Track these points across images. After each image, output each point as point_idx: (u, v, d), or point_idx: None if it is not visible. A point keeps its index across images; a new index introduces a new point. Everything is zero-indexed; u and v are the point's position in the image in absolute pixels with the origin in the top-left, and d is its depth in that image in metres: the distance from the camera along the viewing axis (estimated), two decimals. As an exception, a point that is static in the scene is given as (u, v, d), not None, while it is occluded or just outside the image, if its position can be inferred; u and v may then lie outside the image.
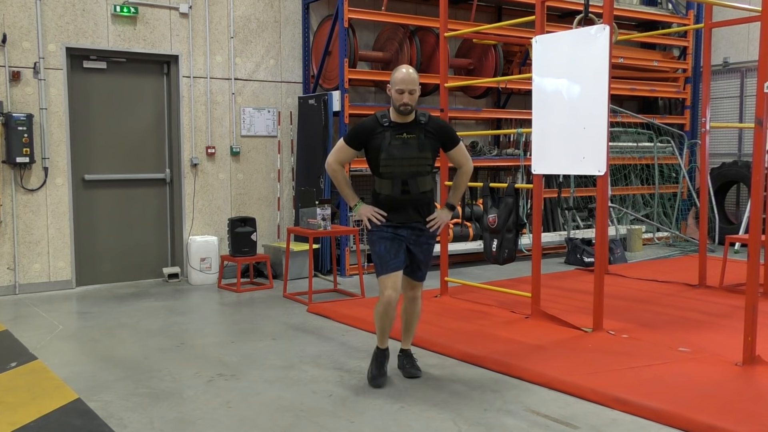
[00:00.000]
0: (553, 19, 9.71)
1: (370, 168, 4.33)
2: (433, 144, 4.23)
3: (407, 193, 4.20)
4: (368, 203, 4.36)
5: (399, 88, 4.12)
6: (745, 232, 9.06)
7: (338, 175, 4.34)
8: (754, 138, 4.60)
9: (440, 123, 4.33)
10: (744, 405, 3.89)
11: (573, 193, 9.60)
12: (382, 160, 4.16)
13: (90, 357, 5.01)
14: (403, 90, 4.12)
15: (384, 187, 4.23)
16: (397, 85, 4.13)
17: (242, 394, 4.20)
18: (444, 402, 4.06)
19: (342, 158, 4.34)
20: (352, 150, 4.30)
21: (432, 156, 4.23)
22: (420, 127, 4.20)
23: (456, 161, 4.40)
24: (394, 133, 4.16)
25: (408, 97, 4.12)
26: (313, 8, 8.57)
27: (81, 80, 7.36)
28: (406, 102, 4.12)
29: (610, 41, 5.06)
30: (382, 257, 4.21)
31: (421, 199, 4.24)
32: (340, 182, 4.35)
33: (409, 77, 4.16)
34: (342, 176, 4.34)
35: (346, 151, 4.31)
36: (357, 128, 4.30)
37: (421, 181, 4.21)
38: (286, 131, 8.51)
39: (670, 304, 6.37)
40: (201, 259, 7.62)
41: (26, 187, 7.02)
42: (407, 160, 4.16)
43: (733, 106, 10.64)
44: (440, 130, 4.27)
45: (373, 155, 4.23)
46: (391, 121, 4.20)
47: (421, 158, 4.18)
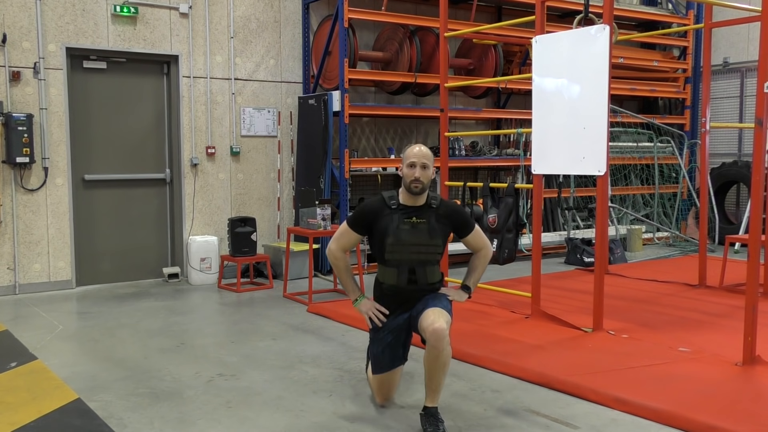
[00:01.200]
0: (553, 19, 9.70)
1: (375, 255, 3.97)
2: (445, 230, 3.87)
3: (414, 283, 3.82)
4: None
5: (411, 161, 3.76)
6: (745, 232, 9.06)
7: (340, 263, 3.95)
8: (754, 138, 4.60)
9: (453, 207, 3.97)
10: (744, 405, 3.89)
11: (573, 193, 9.60)
12: (389, 246, 3.79)
13: (90, 357, 5.01)
14: (415, 164, 3.75)
15: (388, 276, 3.85)
16: (409, 158, 3.78)
17: (242, 394, 4.20)
18: (444, 402, 4.05)
19: (345, 244, 3.95)
20: (356, 235, 3.93)
21: (443, 243, 3.86)
22: (431, 211, 3.83)
23: (473, 247, 4.02)
24: (403, 217, 3.79)
25: (420, 172, 3.73)
26: (313, 8, 8.57)
27: (81, 80, 7.36)
28: (417, 176, 3.73)
29: (610, 41, 5.06)
30: (376, 359, 3.92)
31: (429, 291, 3.87)
32: (342, 272, 3.96)
33: (421, 152, 3.79)
34: (344, 265, 3.95)
35: (350, 236, 3.93)
36: (362, 210, 3.94)
37: (429, 271, 3.84)
38: (286, 131, 8.51)
39: (670, 304, 6.37)
40: (201, 259, 7.62)
41: (26, 187, 7.02)
42: (416, 247, 3.79)
43: (733, 106, 10.64)
44: (453, 216, 3.91)
45: (378, 240, 3.85)
46: (400, 203, 3.83)
47: (431, 245, 3.81)
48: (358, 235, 3.94)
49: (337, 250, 3.95)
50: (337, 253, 3.95)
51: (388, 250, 3.82)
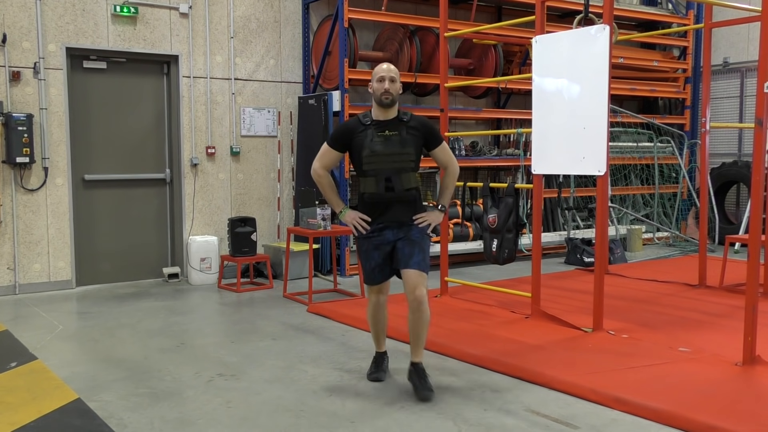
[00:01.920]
0: (553, 19, 9.70)
1: (355, 169, 4.28)
2: (416, 140, 4.18)
3: (391, 190, 4.14)
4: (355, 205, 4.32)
5: (380, 76, 4.11)
6: (745, 232, 9.06)
7: (323, 180, 4.30)
8: (754, 138, 4.60)
9: (423, 120, 4.26)
10: (744, 405, 3.89)
11: (573, 193, 9.60)
12: (365, 157, 4.13)
13: (90, 357, 5.01)
14: (384, 77, 4.10)
15: (368, 186, 4.19)
16: (378, 74, 4.13)
17: (242, 394, 4.20)
18: (444, 402, 4.06)
19: (327, 162, 4.31)
20: (336, 152, 4.28)
21: (415, 152, 4.19)
22: (402, 124, 4.17)
23: (441, 161, 4.36)
24: (377, 131, 4.13)
25: (389, 85, 4.08)
26: (313, 8, 8.57)
27: (81, 80, 7.36)
28: (387, 88, 4.08)
29: (610, 41, 5.06)
30: (366, 271, 4.30)
31: (405, 197, 4.18)
32: (326, 187, 4.31)
33: (389, 67, 4.17)
34: (327, 181, 4.30)
35: (331, 154, 4.29)
36: (339, 129, 4.29)
37: (404, 178, 4.15)
38: (286, 131, 8.51)
39: (670, 304, 6.37)
40: (201, 259, 7.62)
41: (26, 187, 7.02)
42: (390, 156, 4.12)
43: (733, 106, 10.64)
44: (423, 128, 4.22)
45: (356, 154, 4.20)
46: (373, 119, 4.18)
47: (403, 154, 4.14)
48: (338, 153, 4.29)
49: (320, 168, 4.32)
50: (320, 170, 4.31)
51: (365, 162, 4.15)
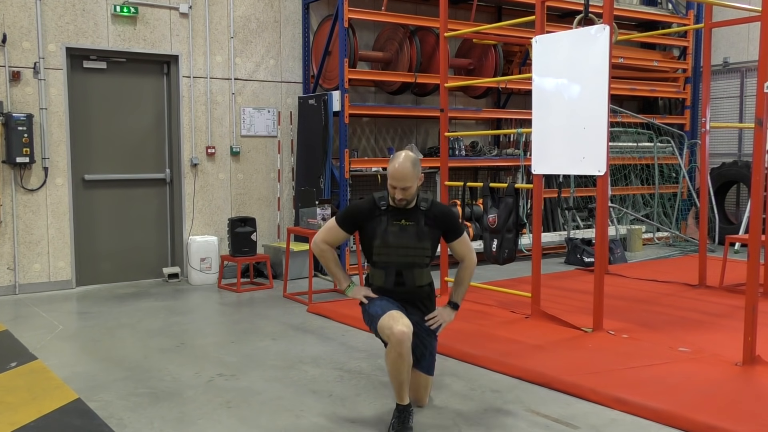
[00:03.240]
0: (553, 19, 9.70)
1: (364, 254, 3.97)
2: (434, 233, 3.83)
3: (402, 285, 3.82)
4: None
5: (392, 183, 3.72)
6: (745, 232, 9.06)
7: (326, 254, 3.92)
8: (754, 138, 4.60)
9: (444, 211, 3.91)
10: (744, 405, 3.89)
11: (573, 193, 9.60)
12: (376, 247, 3.79)
13: (90, 357, 5.01)
14: (395, 186, 3.70)
15: (377, 278, 3.86)
16: (390, 179, 3.72)
17: (242, 394, 4.20)
18: (444, 402, 4.06)
19: (331, 240, 3.93)
20: (343, 232, 3.90)
21: (432, 247, 3.84)
22: (421, 213, 3.80)
23: (458, 254, 3.98)
24: (392, 219, 3.78)
25: (401, 193, 3.71)
26: (313, 8, 8.57)
27: (81, 80, 7.36)
28: (401, 198, 3.73)
29: (610, 41, 5.06)
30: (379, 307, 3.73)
31: (417, 293, 3.87)
32: (329, 263, 3.93)
33: (401, 173, 3.67)
34: (331, 256, 3.92)
35: (337, 232, 3.91)
36: (352, 209, 3.92)
37: (417, 274, 3.82)
38: (286, 131, 8.51)
39: (670, 304, 6.37)
40: (201, 259, 7.62)
41: (26, 187, 7.02)
42: (403, 249, 3.77)
43: (733, 106, 10.64)
44: (442, 219, 3.86)
45: (366, 241, 3.86)
46: (390, 204, 3.81)
47: (418, 248, 3.79)
48: (345, 233, 3.93)
49: (323, 243, 3.94)
50: (323, 245, 3.94)
51: (376, 252, 3.82)
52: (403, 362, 3.57)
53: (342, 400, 4.08)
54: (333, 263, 3.94)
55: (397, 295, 3.84)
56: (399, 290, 3.84)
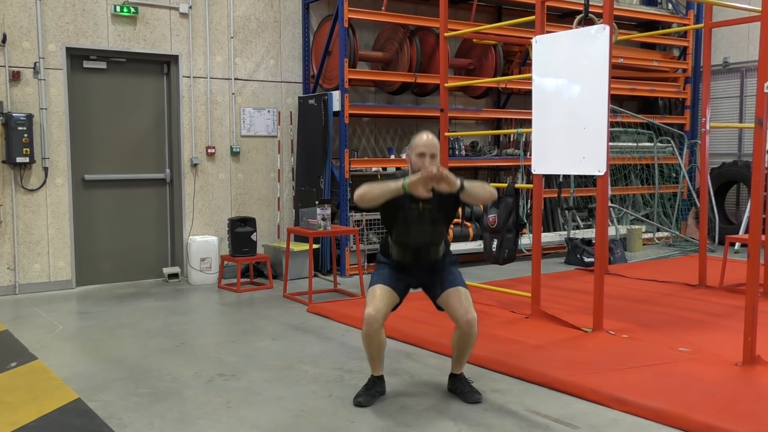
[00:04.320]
0: (553, 19, 9.70)
1: (384, 225, 4.16)
2: (447, 209, 4.03)
3: (418, 258, 4.08)
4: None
5: (420, 152, 3.91)
6: (745, 232, 9.06)
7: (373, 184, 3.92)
8: (754, 138, 4.60)
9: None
10: (744, 405, 3.89)
11: (573, 193, 9.60)
12: (395, 229, 4.04)
13: (90, 357, 5.01)
14: (424, 153, 3.91)
15: (395, 252, 4.11)
16: (418, 148, 3.92)
17: (242, 394, 4.20)
18: (444, 402, 4.06)
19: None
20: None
21: (446, 226, 4.11)
22: (436, 194, 3.89)
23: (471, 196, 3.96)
24: (411, 202, 3.96)
25: (429, 161, 3.90)
26: (313, 8, 8.57)
27: (81, 80, 7.36)
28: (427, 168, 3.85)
29: (610, 41, 5.06)
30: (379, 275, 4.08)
31: (434, 263, 4.11)
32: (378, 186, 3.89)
33: (430, 142, 3.94)
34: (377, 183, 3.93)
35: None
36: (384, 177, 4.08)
37: (434, 250, 4.09)
38: (286, 131, 8.51)
39: (670, 304, 6.37)
40: (201, 259, 7.62)
41: (26, 187, 7.02)
42: (420, 233, 4.01)
43: (733, 106, 10.64)
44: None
45: (388, 216, 4.06)
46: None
47: (434, 232, 4.05)
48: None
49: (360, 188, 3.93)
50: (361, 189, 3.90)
51: (395, 233, 4.07)
52: (371, 340, 3.95)
53: (342, 400, 4.08)
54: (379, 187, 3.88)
55: (412, 266, 4.09)
56: (416, 263, 4.09)
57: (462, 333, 4.00)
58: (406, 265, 4.11)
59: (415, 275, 4.14)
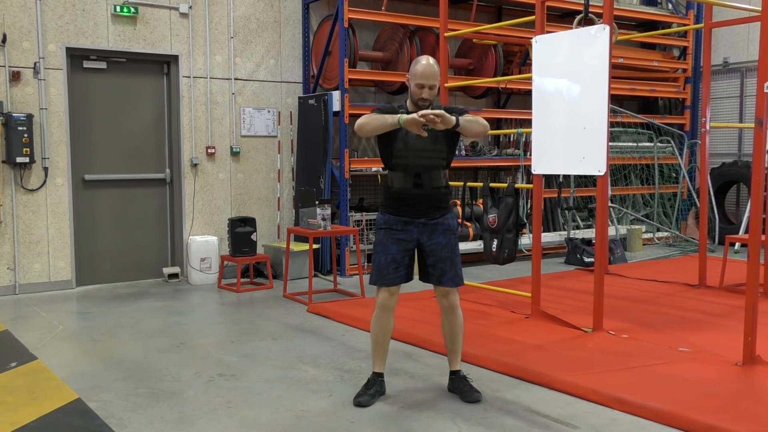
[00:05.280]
0: (553, 19, 9.70)
1: (383, 160, 4.14)
2: (447, 133, 4.01)
3: (420, 186, 4.02)
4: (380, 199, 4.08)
5: (419, 83, 3.94)
6: (745, 232, 9.06)
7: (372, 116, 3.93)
8: (754, 138, 4.60)
9: (447, 108, 4.07)
10: (744, 405, 3.89)
11: (573, 193, 9.60)
12: (396, 150, 4.01)
13: (90, 357, 5.01)
14: (423, 85, 3.94)
15: (396, 180, 4.05)
16: (416, 78, 3.95)
17: (242, 394, 4.20)
18: (444, 402, 4.06)
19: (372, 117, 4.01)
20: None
21: (447, 149, 4.08)
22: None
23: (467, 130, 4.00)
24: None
25: (428, 92, 3.95)
26: (313, 8, 8.57)
27: (81, 80, 7.36)
28: (425, 97, 3.96)
29: (610, 41, 5.06)
30: (380, 269, 4.04)
31: (434, 195, 4.05)
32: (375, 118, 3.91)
33: (430, 71, 3.94)
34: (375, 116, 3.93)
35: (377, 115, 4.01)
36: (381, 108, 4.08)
37: (435, 175, 4.04)
38: (286, 131, 8.51)
39: (670, 304, 6.37)
40: (201, 259, 7.62)
41: (26, 187, 7.02)
42: (421, 152, 4.00)
43: (733, 106, 10.64)
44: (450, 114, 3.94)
45: (386, 144, 4.05)
46: (408, 112, 3.98)
47: (434, 150, 4.02)
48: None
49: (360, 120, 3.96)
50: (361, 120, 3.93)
51: (396, 155, 4.03)
52: (380, 323, 4.08)
53: (342, 400, 4.08)
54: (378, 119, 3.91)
55: (414, 196, 4.03)
56: (417, 191, 4.04)
57: (446, 317, 4.16)
58: (408, 199, 4.03)
59: (415, 219, 4.03)
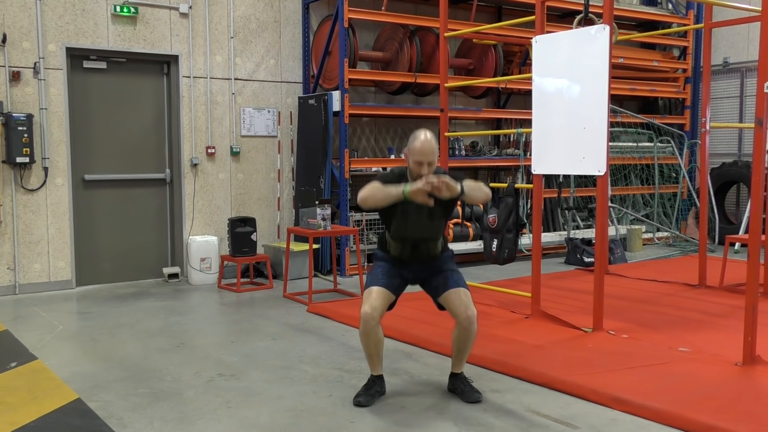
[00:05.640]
0: (553, 19, 9.70)
1: (382, 220, 4.16)
2: (447, 203, 4.00)
3: (417, 254, 4.10)
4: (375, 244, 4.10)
5: (417, 160, 3.91)
6: (745, 232, 9.06)
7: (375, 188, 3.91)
8: (754, 138, 4.60)
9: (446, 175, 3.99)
10: (744, 405, 3.89)
11: (573, 193, 9.60)
12: (394, 223, 4.05)
13: (90, 357, 5.01)
14: (422, 162, 3.91)
15: (394, 248, 4.12)
16: (415, 155, 3.92)
17: (242, 394, 4.20)
18: (444, 402, 4.06)
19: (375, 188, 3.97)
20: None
21: (444, 222, 4.12)
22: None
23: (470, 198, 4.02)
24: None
25: (427, 168, 3.91)
26: (313, 8, 8.57)
27: (81, 80, 7.36)
28: (424, 173, 3.89)
29: (610, 41, 5.06)
30: (374, 276, 4.09)
31: (431, 259, 4.14)
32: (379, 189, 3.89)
33: (428, 147, 3.91)
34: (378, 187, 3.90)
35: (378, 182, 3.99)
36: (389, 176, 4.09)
37: (432, 246, 4.11)
38: (286, 131, 8.51)
39: (670, 304, 6.37)
40: (201, 259, 7.62)
41: (26, 187, 7.02)
42: (418, 228, 4.03)
43: (733, 106, 10.64)
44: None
45: (386, 212, 4.05)
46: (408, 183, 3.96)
47: (432, 227, 4.06)
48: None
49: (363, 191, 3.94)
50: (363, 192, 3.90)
51: (393, 228, 4.08)
52: (368, 339, 3.98)
53: (342, 400, 4.08)
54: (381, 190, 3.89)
55: (410, 261, 4.11)
56: (414, 258, 4.11)
57: (462, 329, 4.04)
58: (405, 260, 4.12)
59: (413, 270, 4.15)
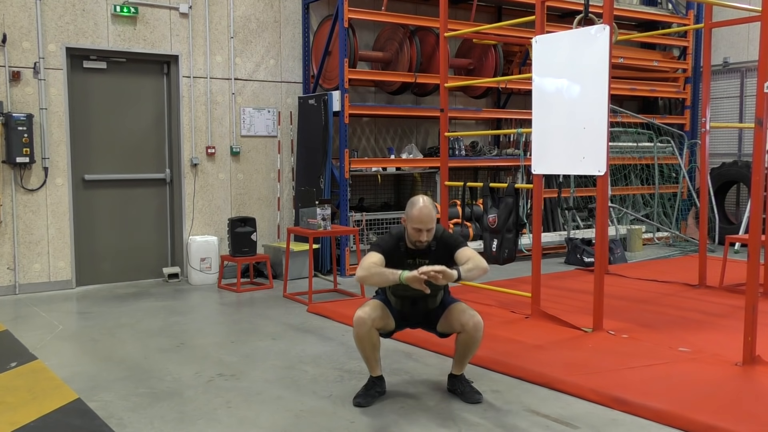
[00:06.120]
0: (553, 19, 9.70)
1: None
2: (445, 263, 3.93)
3: (416, 309, 4.17)
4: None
5: (416, 227, 3.95)
6: (745, 232, 9.06)
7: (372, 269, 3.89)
8: (754, 138, 4.60)
9: (443, 238, 4.08)
10: (744, 405, 3.89)
11: (573, 193, 9.60)
12: (394, 286, 4.04)
13: (90, 357, 5.01)
14: (421, 229, 3.95)
15: (393, 302, 4.17)
16: (413, 222, 3.95)
17: (242, 394, 4.20)
18: (444, 402, 4.06)
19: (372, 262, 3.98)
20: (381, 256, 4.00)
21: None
22: (431, 252, 4.03)
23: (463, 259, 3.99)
24: (407, 258, 4.04)
25: (426, 235, 3.96)
26: (313, 8, 8.57)
27: (81, 80, 7.36)
28: (423, 240, 3.97)
29: (610, 41, 5.06)
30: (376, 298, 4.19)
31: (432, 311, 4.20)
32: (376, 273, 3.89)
33: (426, 214, 3.93)
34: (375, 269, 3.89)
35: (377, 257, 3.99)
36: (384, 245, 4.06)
37: (431, 301, 4.16)
38: (286, 131, 8.51)
39: (670, 304, 6.37)
40: (201, 259, 7.62)
41: (26, 187, 7.02)
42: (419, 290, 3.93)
43: (733, 106, 10.64)
44: (444, 246, 4.05)
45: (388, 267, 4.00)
46: (406, 246, 4.06)
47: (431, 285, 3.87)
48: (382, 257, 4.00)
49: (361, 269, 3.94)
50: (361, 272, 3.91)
51: (393, 287, 4.09)
52: (362, 342, 4.01)
53: (342, 400, 4.08)
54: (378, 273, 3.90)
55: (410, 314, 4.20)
56: (414, 311, 4.19)
57: (469, 335, 4.04)
58: (405, 313, 4.19)
59: (412, 321, 4.24)
